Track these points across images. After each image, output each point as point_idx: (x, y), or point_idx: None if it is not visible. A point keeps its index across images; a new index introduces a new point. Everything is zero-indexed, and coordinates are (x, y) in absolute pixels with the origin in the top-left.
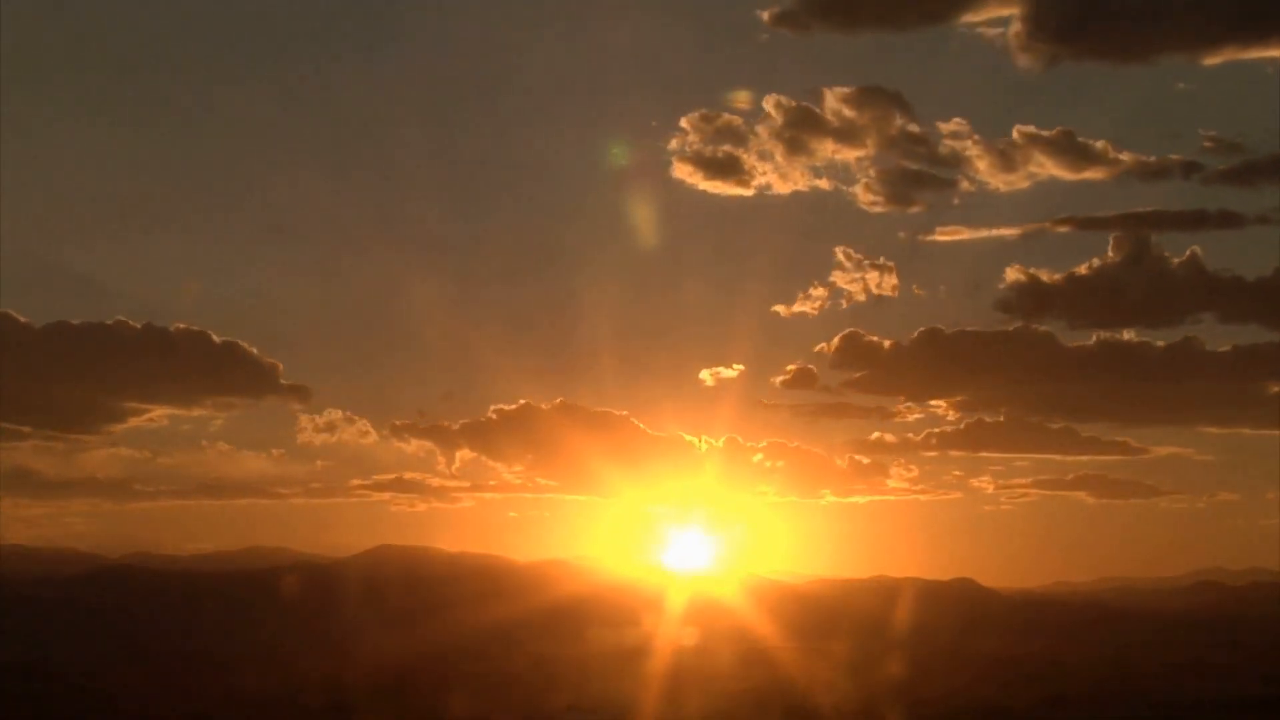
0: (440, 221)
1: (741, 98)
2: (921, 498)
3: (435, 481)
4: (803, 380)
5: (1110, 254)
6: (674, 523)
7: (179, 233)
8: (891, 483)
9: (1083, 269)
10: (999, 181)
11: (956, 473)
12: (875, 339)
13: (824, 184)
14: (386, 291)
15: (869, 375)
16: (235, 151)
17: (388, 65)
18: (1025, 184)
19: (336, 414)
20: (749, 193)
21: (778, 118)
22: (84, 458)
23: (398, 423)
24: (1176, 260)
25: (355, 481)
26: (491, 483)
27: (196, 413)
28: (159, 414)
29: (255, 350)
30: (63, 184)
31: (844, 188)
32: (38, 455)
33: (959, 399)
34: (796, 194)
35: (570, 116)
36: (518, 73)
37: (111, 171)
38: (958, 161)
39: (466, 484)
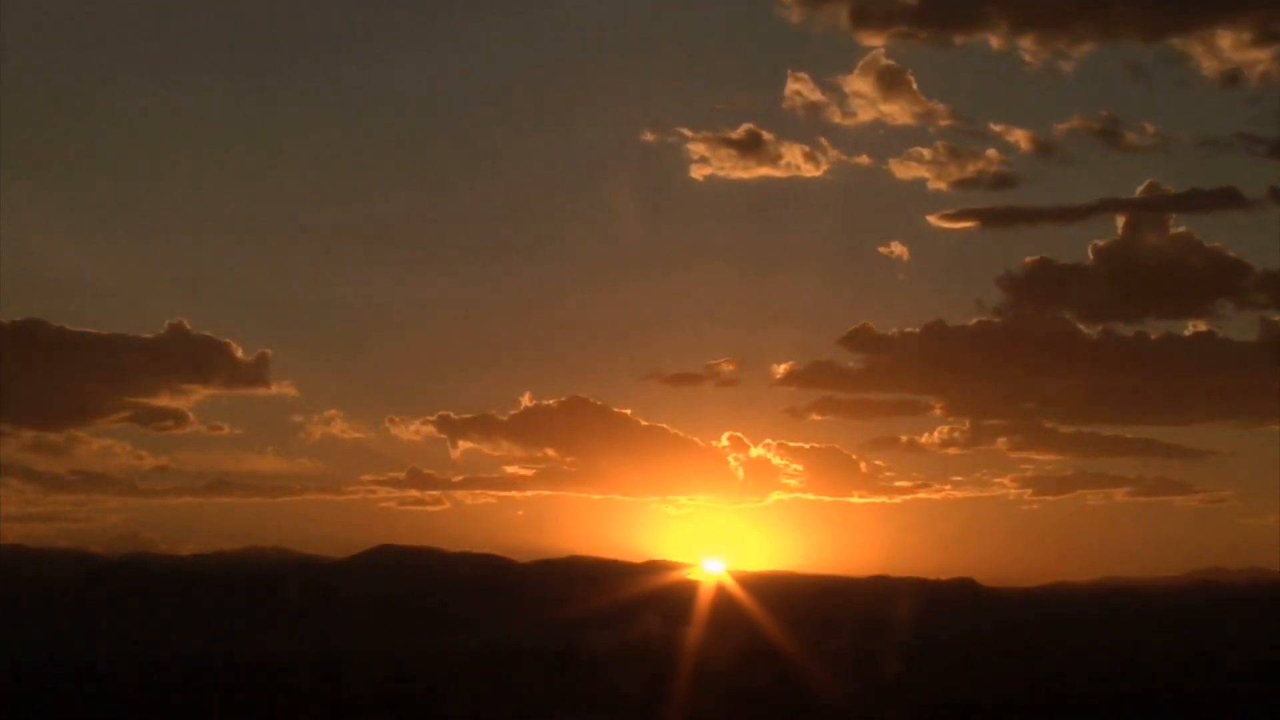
0: (449, 217)
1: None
2: (923, 497)
3: (436, 481)
4: (815, 375)
5: (1127, 237)
6: (680, 521)
7: (175, 231)
8: (895, 482)
9: (1097, 255)
10: (1043, 162)
11: (959, 471)
12: (887, 332)
13: (862, 160)
14: (390, 288)
15: (879, 370)
16: (237, 150)
17: (397, 60)
18: (1070, 163)
19: (337, 412)
20: (779, 174)
21: (804, 97)
22: (83, 456)
23: (399, 420)
24: (1208, 244)
25: (356, 480)
26: (495, 481)
27: (195, 412)
28: (157, 414)
29: (255, 348)
30: (59, 183)
31: (879, 165)
32: (34, 453)
33: (966, 395)
34: (829, 173)
35: (584, 107)
36: (531, 64)
37: (114, 172)
38: (997, 143)
39: (468, 483)
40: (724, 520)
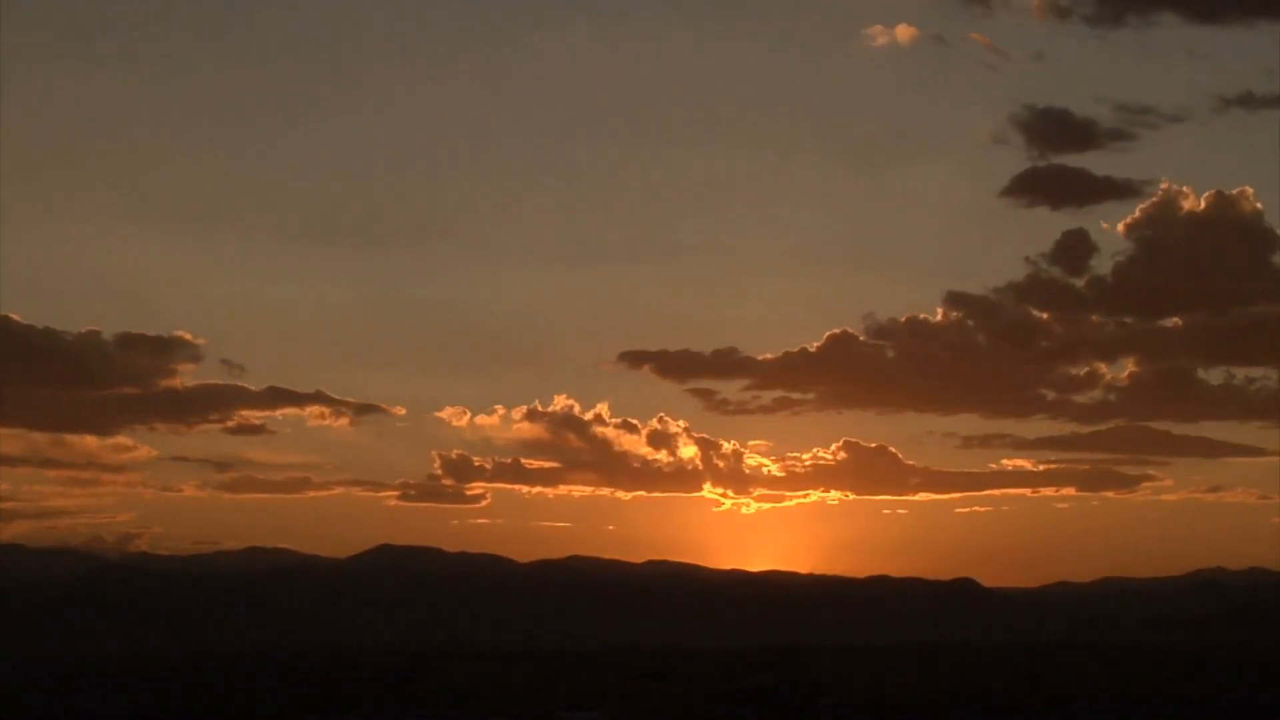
0: (480, 221)
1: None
2: (923, 497)
3: (436, 481)
4: (829, 369)
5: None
6: (684, 520)
7: (175, 231)
8: (897, 482)
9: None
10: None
11: (961, 471)
12: (898, 321)
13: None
14: (397, 286)
15: (902, 361)
16: (261, 156)
17: (434, 63)
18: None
19: (342, 410)
20: None
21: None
22: (87, 455)
23: (400, 419)
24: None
25: (355, 480)
26: (500, 480)
27: (195, 410)
28: (159, 413)
29: (255, 350)
30: (64, 187)
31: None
32: (38, 452)
33: (992, 389)
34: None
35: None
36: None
37: (121, 176)
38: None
39: (472, 483)
40: (731, 519)
